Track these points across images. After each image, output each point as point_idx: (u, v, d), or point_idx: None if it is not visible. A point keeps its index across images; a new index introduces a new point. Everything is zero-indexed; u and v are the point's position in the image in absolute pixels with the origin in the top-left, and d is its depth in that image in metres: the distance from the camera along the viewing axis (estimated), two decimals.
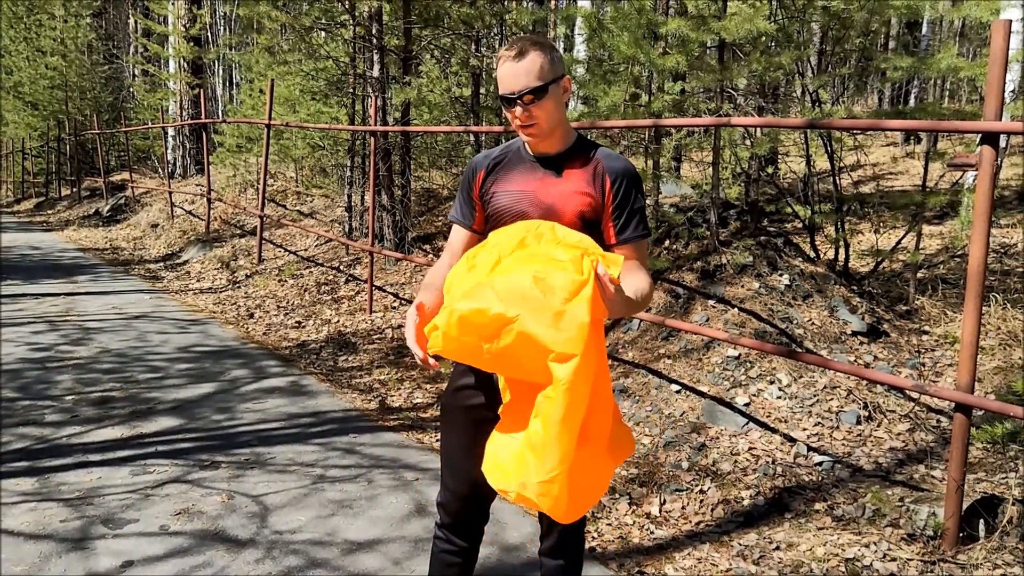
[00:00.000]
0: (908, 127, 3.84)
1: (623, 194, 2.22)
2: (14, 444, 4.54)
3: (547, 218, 2.20)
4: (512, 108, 2.15)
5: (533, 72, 2.11)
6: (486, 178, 2.33)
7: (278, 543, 3.49)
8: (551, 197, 2.22)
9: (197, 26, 18.63)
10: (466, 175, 2.38)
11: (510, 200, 2.26)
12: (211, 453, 4.51)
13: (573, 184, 2.22)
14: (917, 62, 5.61)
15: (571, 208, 2.20)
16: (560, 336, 1.84)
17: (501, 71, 2.15)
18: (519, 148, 2.34)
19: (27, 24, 23.60)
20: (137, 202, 18.02)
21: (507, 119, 2.97)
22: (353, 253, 9.85)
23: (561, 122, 2.24)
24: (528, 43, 2.14)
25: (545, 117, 2.16)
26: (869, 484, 3.92)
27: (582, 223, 2.20)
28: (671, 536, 3.66)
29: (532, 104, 2.13)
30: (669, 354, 5.27)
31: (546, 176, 2.25)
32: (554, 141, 2.25)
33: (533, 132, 2.19)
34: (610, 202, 2.22)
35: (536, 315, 1.86)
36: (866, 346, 5.22)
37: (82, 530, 3.56)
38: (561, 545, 2.39)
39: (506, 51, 2.14)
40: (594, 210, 2.22)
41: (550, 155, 2.27)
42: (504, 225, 2.25)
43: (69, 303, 8.67)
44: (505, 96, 2.14)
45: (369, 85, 9.36)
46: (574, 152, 2.27)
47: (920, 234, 6.26)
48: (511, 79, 2.12)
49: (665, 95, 6.14)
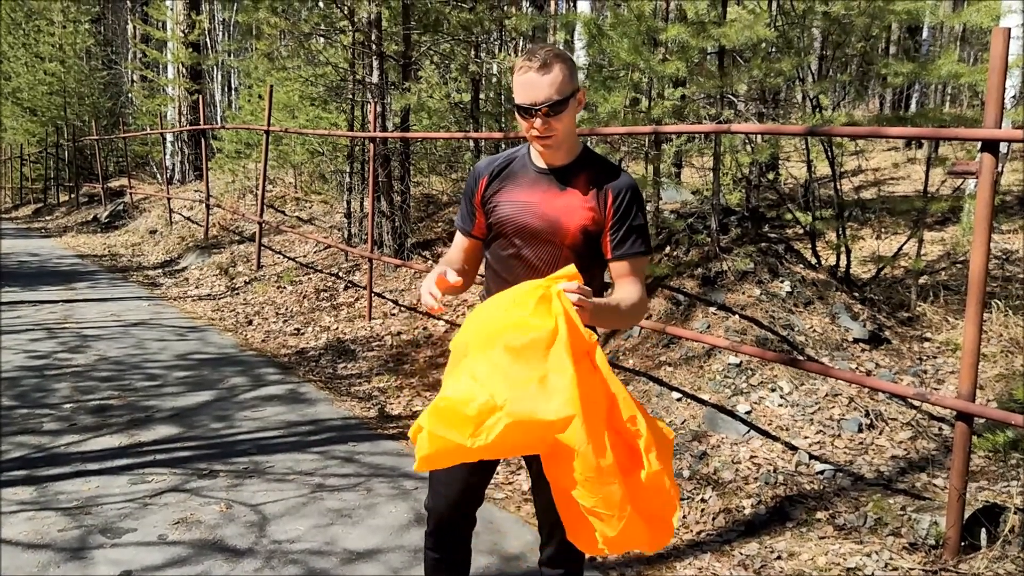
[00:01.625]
0: (909, 135, 3.83)
1: (624, 210, 2.23)
2: (12, 453, 4.52)
3: (550, 230, 2.20)
4: (530, 118, 2.14)
5: (556, 85, 2.11)
6: (488, 185, 2.33)
7: (277, 552, 3.47)
8: (555, 210, 2.22)
9: (196, 32, 18.64)
10: (469, 181, 2.38)
11: (513, 210, 2.25)
12: (209, 462, 4.49)
13: (577, 197, 2.22)
14: (918, 68, 5.61)
15: (575, 221, 2.21)
16: (551, 404, 1.80)
17: (522, 79, 2.13)
18: (524, 156, 2.33)
19: (26, 30, 23.61)
20: (136, 208, 18.01)
21: (516, 125, 2.97)
22: (352, 259, 9.84)
23: (573, 134, 2.25)
24: (551, 55, 2.14)
25: (563, 129, 2.17)
26: (871, 493, 3.90)
27: (584, 236, 2.21)
28: (672, 545, 3.64)
29: (552, 117, 2.13)
30: (670, 361, 5.25)
31: (550, 188, 2.25)
32: (563, 153, 2.25)
33: (549, 144, 2.19)
34: (610, 216, 2.22)
35: (521, 391, 1.81)
36: (868, 353, 5.20)
37: (80, 539, 3.54)
38: (561, 554, 2.38)
39: (527, 61, 2.13)
40: (597, 224, 2.22)
41: (557, 167, 2.26)
42: (506, 235, 2.23)
43: (67, 310, 8.65)
44: (525, 106, 2.13)
45: (368, 91, 9.35)
46: (580, 165, 2.27)
47: (922, 240, 6.25)
48: (533, 90, 2.11)
49: (665, 101, 6.14)
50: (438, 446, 1.86)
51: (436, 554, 2.45)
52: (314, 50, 10.81)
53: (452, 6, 9.43)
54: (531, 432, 1.82)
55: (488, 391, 1.83)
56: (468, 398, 1.83)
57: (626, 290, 2.22)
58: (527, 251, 2.25)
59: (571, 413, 1.80)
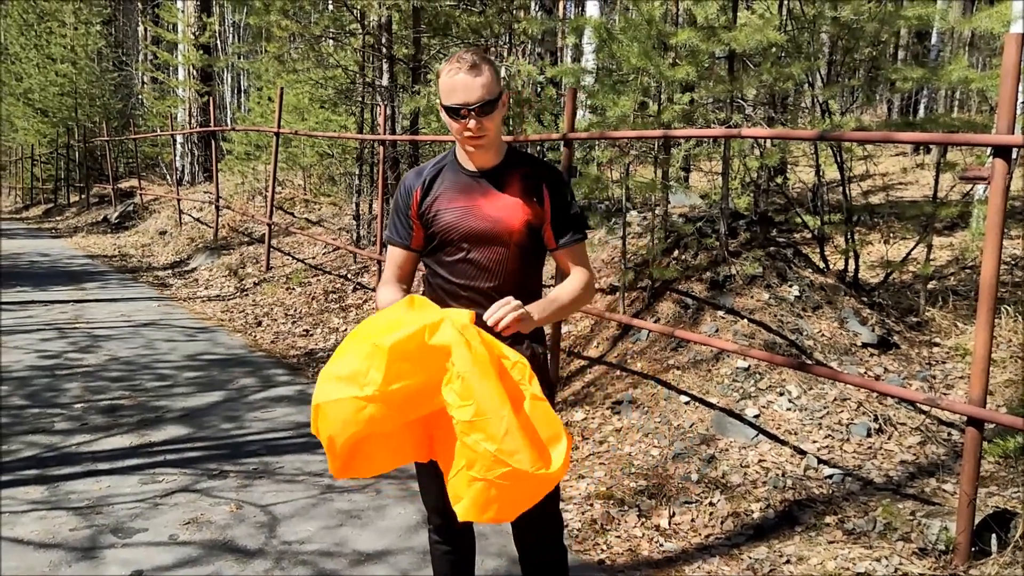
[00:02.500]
0: (920, 140, 3.83)
1: (560, 200, 2.33)
2: (24, 452, 4.55)
3: (494, 230, 2.27)
4: (462, 119, 2.20)
5: (487, 86, 2.18)
6: (424, 198, 2.36)
7: (287, 553, 3.48)
8: (497, 210, 2.28)
9: (206, 34, 18.71)
10: (401, 195, 2.41)
11: (455, 216, 2.30)
12: (219, 462, 4.51)
13: (516, 195, 2.30)
14: (928, 73, 5.60)
15: (518, 218, 2.28)
16: (424, 316, 2.01)
17: (452, 82, 2.18)
18: (453, 163, 2.38)
19: (37, 31, 23.73)
20: (145, 209, 18.09)
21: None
22: (361, 261, 9.86)
23: (500, 135, 2.35)
24: (479, 57, 2.21)
25: (494, 129, 2.24)
26: (880, 497, 3.89)
27: (528, 230, 2.29)
28: (681, 549, 3.64)
29: (484, 116, 2.19)
30: (678, 365, 5.25)
31: (488, 190, 2.31)
32: (493, 154, 2.32)
33: (482, 143, 2.25)
34: (548, 208, 2.32)
35: (395, 332, 1.98)
36: (876, 358, 5.19)
37: (91, 539, 3.56)
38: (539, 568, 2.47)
39: (456, 63, 2.19)
40: (538, 217, 2.31)
41: (488, 168, 2.33)
42: (452, 241, 2.30)
43: (78, 310, 8.70)
44: (456, 107, 2.18)
45: (378, 94, 9.39)
46: (509, 164, 2.34)
47: (931, 245, 6.23)
48: (466, 91, 2.17)
49: (674, 105, 6.14)
50: (338, 417, 2.00)
51: (442, 544, 2.55)
52: (324, 53, 10.85)
53: (462, 10, 9.46)
54: (414, 359, 1.95)
55: (367, 346, 1.98)
56: (350, 365, 1.99)
57: (571, 279, 2.35)
58: (475, 254, 2.30)
59: (440, 318, 1.98)
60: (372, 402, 1.95)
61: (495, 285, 2.28)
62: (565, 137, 5.39)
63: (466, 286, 2.30)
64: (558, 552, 2.46)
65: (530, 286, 2.36)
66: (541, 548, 2.43)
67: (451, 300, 2.32)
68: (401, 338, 1.95)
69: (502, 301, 2.11)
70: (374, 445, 2.08)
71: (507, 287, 2.28)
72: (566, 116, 5.43)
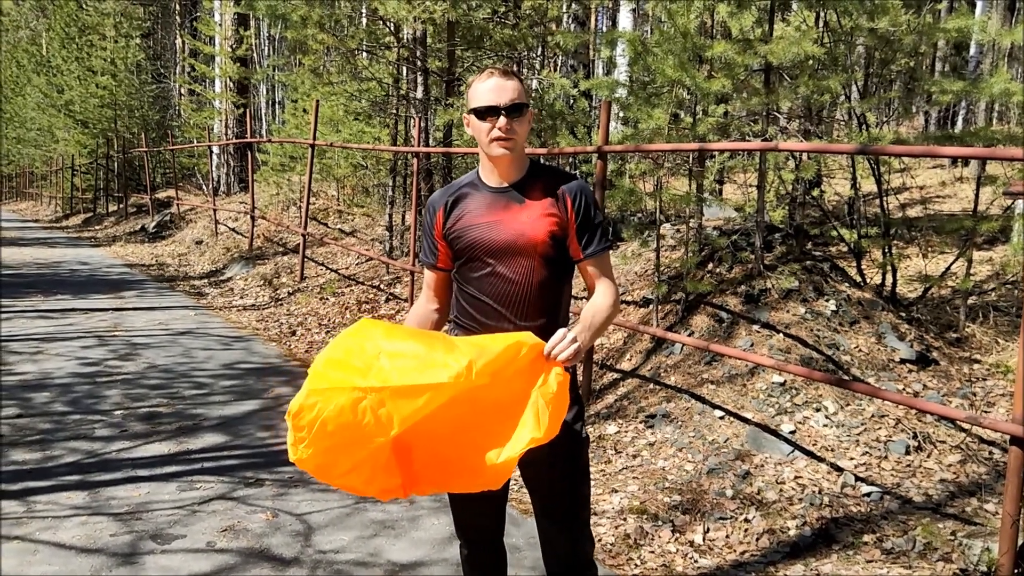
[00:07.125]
0: (962, 154, 3.78)
1: (584, 210, 2.35)
2: (66, 458, 4.64)
3: (518, 243, 2.30)
4: (494, 119, 2.24)
5: (519, 91, 2.26)
6: (447, 217, 2.40)
7: (322, 562, 3.51)
8: (520, 223, 2.31)
9: (243, 47, 19.00)
10: (426, 215, 2.47)
11: (480, 233, 2.33)
12: (256, 470, 4.56)
13: (538, 207, 2.32)
14: (969, 86, 5.53)
15: (542, 230, 2.30)
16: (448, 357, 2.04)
17: (484, 86, 2.25)
18: (476, 181, 2.41)
19: (79, 44, 24.28)
20: (182, 219, 18.37)
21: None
22: (393, 272, 9.93)
23: (524, 146, 2.38)
24: (510, 70, 2.32)
25: (522, 134, 2.29)
26: (919, 516, 3.84)
27: (553, 242, 2.31)
28: (715, 565, 3.61)
29: (515, 119, 2.25)
30: (713, 379, 5.22)
31: (510, 203, 2.33)
32: (515, 169, 2.35)
33: (509, 146, 2.28)
34: (573, 220, 2.34)
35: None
36: (915, 374, 5.12)
37: (131, 545, 3.62)
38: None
39: (488, 72, 2.28)
40: (562, 228, 2.33)
41: (510, 183, 2.35)
42: (477, 257, 2.32)
43: (117, 318, 8.85)
44: (488, 108, 2.24)
45: (412, 106, 9.47)
46: (531, 177, 2.37)
47: (970, 260, 6.14)
48: (499, 92, 2.24)
49: (709, 118, 6.12)
50: (327, 403, 2.09)
51: (473, 559, 2.57)
52: (359, 66, 10.97)
53: (495, 23, 9.52)
54: (419, 359, 2.01)
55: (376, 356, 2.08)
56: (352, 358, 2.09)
57: (599, 296, 2.36)
58: (501, 267, 2.32)
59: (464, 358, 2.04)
60: (373, 397, 2.04)
61: (522, 298, 2.30)
62: (599, 150, 5.39)
63: (494, 301, 2.32)
64: (589, 569, 2.49)
65: (558, 299, 2.38)
66: (572, 559, 2.45)
67: (479, 315, 2.35)
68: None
69: (558, 335, 2.13)
70: (351, 455, 2.08)
71: (535, 301, 2.31)
72: (600, 129, 5.43)
